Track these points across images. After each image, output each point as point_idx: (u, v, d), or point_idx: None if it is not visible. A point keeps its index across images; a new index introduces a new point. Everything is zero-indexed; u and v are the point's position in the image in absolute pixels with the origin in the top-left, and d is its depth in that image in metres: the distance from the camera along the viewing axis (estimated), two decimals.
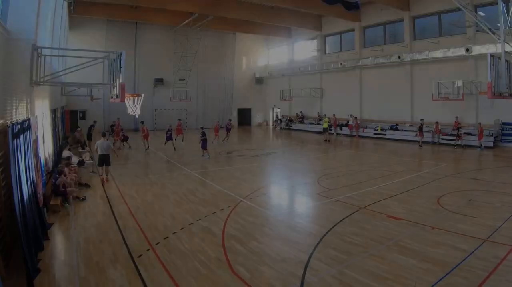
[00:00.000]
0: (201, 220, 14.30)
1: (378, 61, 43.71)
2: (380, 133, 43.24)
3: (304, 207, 16.88)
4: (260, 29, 55.89)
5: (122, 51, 16.82)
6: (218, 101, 62.31)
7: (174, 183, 21.06)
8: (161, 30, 55.22)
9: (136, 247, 11.62)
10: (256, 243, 11.92)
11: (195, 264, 10.35)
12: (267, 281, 9.36)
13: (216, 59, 61.68)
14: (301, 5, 42.97)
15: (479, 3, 34.31)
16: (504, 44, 20.22)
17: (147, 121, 51.64)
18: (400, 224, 13.46)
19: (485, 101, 32.43)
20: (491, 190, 18.42)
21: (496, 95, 20.12)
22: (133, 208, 16.02)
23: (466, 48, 33.75)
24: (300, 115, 58.33)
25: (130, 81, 50.88)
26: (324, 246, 11.52)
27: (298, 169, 25.68)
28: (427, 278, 9.20)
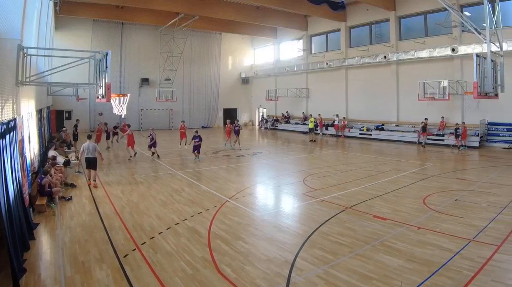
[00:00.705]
0: (187, 220, 14.29)
1: (364, 61, 43.78)
2: (366, 133, 43.34)
3: (290, 207, 16.84)
4: (246, 29, 56.05)
5: (108, 51, 16.92)
6: (204, 101, 62.52)
7: (160, 183, 21.01)
8: (147, 30, 55.40)
9: (122, 247, 11.59)
10: (242, 243, 11.89)
11: (181, 264, 10.33)
12: (253, 281, 9.33)
13: (202, 59, 61.86)
14: (287, 5, 43.08)
15: (465, 3, 34.56)
16: (489, 44, 20.36)
17: (132, 122, 51.82)
18: (386, 224, 13.47)
19: (471, 101, 32.71)
20: (477, 190, 18.47)
21: (482, 95, 20.27)
22: (119, 208, 16.00)
23: (452, 48, 33.87)
24: (286, 115, 58.42)
25: (116, 81, 51.24)
26: (310, 246, 11.51)
27: (284, 169, 25.65)
28: (413, 278, 9.21)
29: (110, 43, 51.50)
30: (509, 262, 9.93)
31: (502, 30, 22.89)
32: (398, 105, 42.33)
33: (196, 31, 56.93)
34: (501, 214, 14.16)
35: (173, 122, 58.96)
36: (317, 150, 36.26)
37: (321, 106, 51.42)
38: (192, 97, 61.30)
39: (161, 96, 53.08)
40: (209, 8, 44.17)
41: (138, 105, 55.25)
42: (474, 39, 29.33)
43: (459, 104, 36.36)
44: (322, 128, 48.12)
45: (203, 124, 61.92)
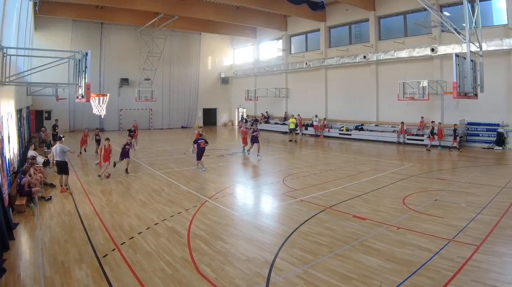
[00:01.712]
0: (166, 220, 14.24)
1: (343, 61, 44.04)
2: (346, 133, 43.39)
3: (270, 207, 16.83)
4: (226, 29, 56.16)
5: (88, 51, 16.90)
6: (184, 101, 62.56)
7: (140, 183, 20.92)
8: (127, 30, 55.36)
9: (101, 247, 11.52)
10: (221, 243, 11.86)
11: (161, 264, 10.29)
12: (232, 281, 9.31)
13: (181, 59, 61.93)
14: (267, 5, 43.20)
15: (444, 3, 34.81)
16: (469, 44, 20.49)
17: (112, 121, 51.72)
18: (365, 224, 13.47)
19: (450, 101, 32.77)
20: (457, 190, 18.53)
21: (461, 95, 20.37)
22: (99, 208, 15.91)
23: (432, 48, 34.09)
24: (266, 115, 58.56)
25: (95, 81, 50.85)
26: (290, 246, 11.50)
27: (264, 169, 25.63)
28: (393, 278, 9.23)
29: (90, 43, 51.34)
30: (488, 262, 9.93)
31: (482, 30, 23.12)
32: (377, 105, 42.48)
33: (175, 31, 57.03)
34: (481, 214, 14.20)
35: (153, 122, 59.17)
36: (296, 150, 36.29)
37: (301, 106, 51.58)
38: (171, 97, 61.29)
39: (140, 96, 53.02)
40: (188, 8, 44.14)
41: (117, 105, 55.14)
42: (453, 39, 29.52)
43: (438, 104, 36.53)
44: (302, 128, 48.19)
45: (182, 125, 62.02)
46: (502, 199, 16.45)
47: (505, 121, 32.27)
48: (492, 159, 28.12)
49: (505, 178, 20.92)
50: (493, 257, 10.29)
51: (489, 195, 17.12)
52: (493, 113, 32.60)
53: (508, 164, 26.54)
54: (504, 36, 30.55)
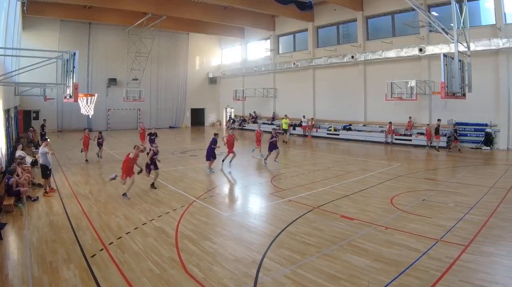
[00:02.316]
0: (154, 220, 14.23)
1: (331, 61, 43.97)
2: (334, 133, 43.43)
3: (258, 207, 16.81)
4: (214, 29, 56.12)
5: (75, 51, 16.85)
6: (172, 101, 62.57)
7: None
8: (115, 30, 55.17)
9: (89, 247, 11.52)
10: (209, 243, 11.86)
11: (149, 264, 10.29)
12: (220, 281, 9.32)
13: (169, 59, 61.90)
14: (255, 5, 43.20)
15: (432, 3, 34.88)
16: (457, 44, 20.47)
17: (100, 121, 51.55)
18: (353, 224, 13.50)
19: (438, 101, 32.85)
20: (445, 190, 18.60)
21: (449, 95, 20.35)
22: (87, 208, 15.88)
23: (420, 48, 34.12)
24: (253, 115, 58.59)
25: (83, 81, 50.83)
26: (278, 246, 11.51)
27: (252, 169, 25.61)
28: (381, 278, 9.26)
29: (78, 43, 51.16)
30: (476, 262, 9.96)
31: (470, 30, 23.13)
32: (365, 105, 42.53)
33: (163, 31, 56.85)
34: (469, 214, 14.25)
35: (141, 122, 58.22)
36: (284, 150, 36.27)
37: (289, 106, 51.64)
38: (159, 97, 61.25)
39: (128, 96, 52.85)
40: (176, 8, 44.14)
41: (105, 105, 55.01)
42: (441, 39, 29.61)
43: (426, 104, 36.61)
44: (290, 128, 48.04)
45: (170, 125, 62.03)
46: (490, 199, 16.51)
47: (493, 122, 32.36)
48: (480, 159, 28.22)
49: (493, 178, 21.01)
50: (481, 257, 10.32)
51: (477, 195, 17.19)
52: (481, 113, 32.67)
53: (496, 164, 26.61)
54: (492, 36, 30.64)
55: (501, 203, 15.78)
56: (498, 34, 30.53)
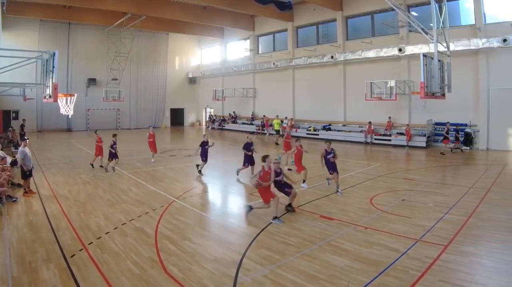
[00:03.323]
0: (134, 220, 14.17)
1: (311, 61, 44.13)
2: (313, 133, 43.44)
3: (237, 207, 16.76)
4: (193, 29, 56.10)
5: (55, 51, 16.99)
6: (151, 101, 62.58)
7: (107, 183, 20.80)
8: (94, 30, 54.95)
9: (69, 247, 11.44)
10: (189, 243, 11.84)
11: (128, 264, 10.25)
12: (200, 281, 9.31)
13: (149, 59, 61.89)
14: (234, 5, 43.27)
15: (412, 3, 35.06)
16: (437, 44, 20.60)
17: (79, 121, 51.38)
18: (333, 224, 13.52)
19: (418, 101, 32.95)
20: (424, 190, 18.65)
21: (429, 95, 20.46)
22: (66, 208, 15.78)
23: (399, 48, 34.29)
24: (233, 115, 58.70)
25: (63, 81, 50.26)
26: (257, 246, 11.52)
27: (231, 169, 25.46)
28: (360, 278, 9.28)
29: (57, 43, 50.95)
30: (456, 262, 10.00)
31: (449, 30, 23.31)
32: (345, 105, 42.62)
33: (143, 31, 56.76)
34: (448, 214, 14.31)
35: (120, 122, 59.16)
36: (264, 150, 36.27)
37: (268, 106, 51.82)
38: (139, 97, 61.24)
39: (108, 96, 52.73)
40: (156, 8, 44.11)
41: (85, 105, 54.78)
42: (421, 39, 29.67)
43: (406, 104, 36.77)
44: (269, 128, 48.41)
45: (150, 125, 60.86)
46: (469, 199, 16.59)
47: (472, 122, 32.54)
48: (460, 159, 28.33)
49: (472, 178, 21.09)
50: (461, 257, 10.36)
51: (457, 195, 17.25)
52: (460, 113, 32.84)
53: (476, 164, 26.74)
54: (472, 36, 30.83)
55: (481, 203, 15.85)
56: (477, 34, 30.72)
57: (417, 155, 31.05)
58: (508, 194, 17.60)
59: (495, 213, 14.37)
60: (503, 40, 28.49)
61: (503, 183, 19.94)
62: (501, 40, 28.62)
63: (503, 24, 29.89)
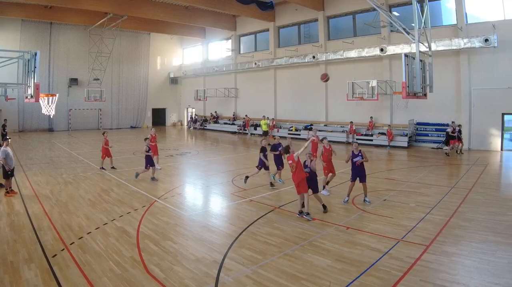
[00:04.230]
0: (115, 220, 14.14)
1: (292, 61, 44.23)
2: (295, 133, 43.30)
3: (219, 207, 16.79)
4: (175, 29, 56.26)
5: (37, 51, 17.04)
6: (133, 101, 62.54)
7: (89, 183, 20.70)
8: (76, 30, 54.90)
9: (50, 247, 11.41)
10: (170, 243, 11.84)
11: (110, 264, 10.25)
12: (182, 281, 9.34)
13: (130, 59, 61.80)
14: (216, 5, 43.20)
15: (393, 3, 35.14)
16: (418, 44, 20.64)
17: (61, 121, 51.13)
18: (314, 224, 13.54)
19: (399, 101, 32.86)
20: (406, 190, 18.72)
21: (410, 95, 20.49)
22: (48, 208, 15.72)
23: (381, 48, 34.42)
24: (215, 115, 58.74)
25: (44, 81, 50.56)
26: (239, 246, 11.52)
27: (213, 169, 25.46)
28: (342, 278, 9.31)
29: (39, 43, 50.91)
30: (437, 262, 10.03)
31: (431, 30, 23.41)
32: (326, 105, 42.72)
33: (125, 31, 56.56)
34: (430, 214, 14.36)
35: (102, 122, 58.99)
36: (245, 150, 36.31)
37: (250, 106, 52.04)
38: (120, 97, 61.14)
39: (90, 96, 52.39)
40: (137, 8, 44.03)
41: (67, 106, 54.68)
42: (403, 39, 29.91)
43: (387, 104, 36.89)
44: (250, 128, 48.48)
45: (131, 125, 61.99)
46: (451, 199, 16.67)
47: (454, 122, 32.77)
48: (441, 159, 28.41)
49: (454, 178, 21.36)
50: (442, 257, 10.39)
51: (438, 195, 17.33)
52: (442, 113, 33.00)
53: (458, 164, 26.81)
54: (453, 36, 31.00)
55: (462, 203, 15.93)
56: (459, 34, 30.87)
57: (399, 155, 31.16)
58: (489, 194, 17.72)
59: (476, 213, 14.44)
60: (485, 40, 28.65)
61: (484, 183, 20.03)
62: (483, 40, 28.78)
63: (484, 24, 30.05)
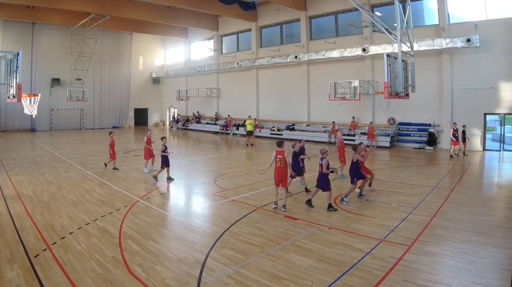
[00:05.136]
0: (97, 220, 14.04)
1: (274, 61, 44.43)
2: (277, 133, 43.42)
3: (201, 207, 16.77)
4: (157, 29, 56.33)
5: (19, 51, 17.10)
6: (115, 101, 62.46)
7: (71, 183, 20.55)
8: (58, 30, 54.72)
9: (32, 247, 11.30)
10: (152, 243, 11.78)
11: (92, 264, 10.13)
12: (164, 281, 9.28)
13: (113, 59, 61.73)
14: (198, 5, 43.31)
15: (376, 3, 35.36)
16: (400, 44, 20.67)
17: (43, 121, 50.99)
18: (296, 224, 13.53)
19: (382, 101, 32.99)
20: (388, 190, 18.77)
21: (392, 95, 20.52)
22: (30, 208, 15.61)
23: (363, 48, 34.57)
24: (197, 115, 58.84)
25: (27, 81, 50.20)
26: (221, 246, 11.48)
27: (195, 169, 25.41)
28: (324, 278, 9.29)
29: (21, 43, 50.77)
30: (420, 262, 10.05)
31: (413, 30, 23.43)
32: (309, 105, 42.94)
33: (107, 31, 56.52)
34: (412, 214, 14.41)
35: (84, 122, 58.93)
36: (227, 150, 36.31)
37: (232, 106, 52.13)
38: (103, 97, 61.02)
39: (72, 97, 52.30)
40: (120, 8, 44.04)
41: (49, 105, 54.42)
42: (385, 39, 29.99)
43: (370, 104, 37.06)
44: (233, 128, 48.68)
45: (114, 125, 61.90)
46: (433, 199, 16.73)
47: (436, 122, 32.90)
48: (423, 159, 28.63)
49: (436, 178, 21.31)
50: (424, 257, 10.41)
51: (421, 195, 17.40)
52: (424, 113, 33.27)
53: (439, 164, 26.97)
54: (435, 36, 31.20)
55: (445, 203, 16.00)
56: (441, 34, 31.08)
57: (381, 155, 31.25)
58: (471, 194, 17.83)
59: (459, 213, 14.50)
60: (467, 40, 28.83)
61: (467, 183, 20.19)
62: (465, 40, 28.96)
63: (467, 24, 30.28)
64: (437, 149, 32.75)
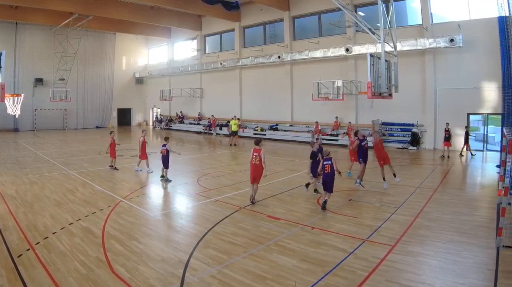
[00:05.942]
0: (81, 220, 13.97)
1: (258, 61, 44.48)
2: (260, 133, 43.46)
3: (184, 207, 16.75)
4: (140, 29, 56.25)
5: (2, 51, 17.06)
6: (98, 101, 62.29)
7: (54, 183, 20.46)
8: (41, 30, 54.50)
9: (15, 247, 11.24)
10: (136, 243, 11.75)
11: (75, 264, 10.08)
12: (147, 281, 9.27)
13: (96, 59, 61.58)
14: (181, 5, 43.38)
15: (359, 3, 35.52)
16: (384, 44, 20.72)
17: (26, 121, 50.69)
18: (280, 224, 13.53)
19: (365, 101, 33.00)
20: (371, 190, 18.77)
21: (376, 95, 20.54)
22: (13, 208, 15.53)
23: (346, 48, 34.64)
24: (180, 115, 58.85)
25: (10, 81, 49.90)
26: (204, 246, 11.46)
27: (178, 169, 25.28)
28: (307, 278, 9.28)
29: (4, 43, 50.39)
30: (403, 262, 10.08)
31: (396, 30, 23.48)
32: (292, 105, 43.04)
33: (90, 31, 56.44)
34: (395, 214, 14.45)
35: (67, 122, 58.77)
36: (211, 149, 36.28)
37: (216, 106, 52.13)
38: (86, 97, 60.87)
39: (55, 96, 52.05)
40: (103, 8, 43.98)
41: (32, 106, 54.24)
42: (368, 39, 30.03)
43: (353, 104, 37.12)
44: (216, 128, 48.70)
45: (97, 125, 61.87)
46: (416, 199, 16.81)
47: (419, 122, 33.02)
48: (407, 159, 28.76)
49: (419, 178, 21.45)
50: (408, 257, 10.45)
51: (404, 195, 17.48)
52: (407, 113, 33.40)
53: (423, 164, 27.13)
54: (419, 36, 31.36)
55: (428, 203, 16.06)
56: (424, 34, 31.26)
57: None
58: (455, 194, 17.95)
59: (442, 213, 14.55)
60: (450, 40, 28.97)
61: (450, 183, 20.39)
62: (448, 40, 29.10)
63: (450, 24, 30.42)
64: (420, 149, 32.84)
